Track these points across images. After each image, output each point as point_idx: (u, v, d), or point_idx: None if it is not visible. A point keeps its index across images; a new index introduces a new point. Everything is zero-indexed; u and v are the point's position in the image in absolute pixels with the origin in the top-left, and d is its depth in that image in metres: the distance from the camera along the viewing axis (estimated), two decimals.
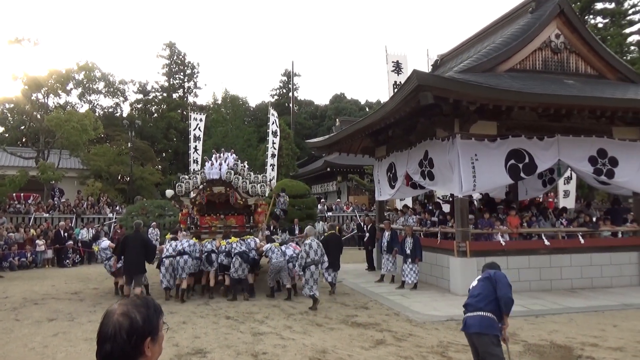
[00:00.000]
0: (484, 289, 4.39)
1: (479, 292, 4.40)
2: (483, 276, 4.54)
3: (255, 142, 36.19)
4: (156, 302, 1.76)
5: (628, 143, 11.98)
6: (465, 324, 4.42)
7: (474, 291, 4.47)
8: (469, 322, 4.34)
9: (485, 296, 4.36)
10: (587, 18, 31.58)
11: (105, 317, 1.64)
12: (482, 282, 4.47)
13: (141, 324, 1.61)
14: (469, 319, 4.35)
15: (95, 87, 39.49)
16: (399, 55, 20.48)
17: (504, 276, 4.51)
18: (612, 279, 11.59)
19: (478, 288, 4.45)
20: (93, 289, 12.27)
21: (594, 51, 12.52)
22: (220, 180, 12.42)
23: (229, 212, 12.99)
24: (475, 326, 4.30)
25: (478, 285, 4.49)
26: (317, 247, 9.78)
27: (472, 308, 4.36)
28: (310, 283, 9.49)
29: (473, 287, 4.54)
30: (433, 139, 11.89)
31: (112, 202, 24.20)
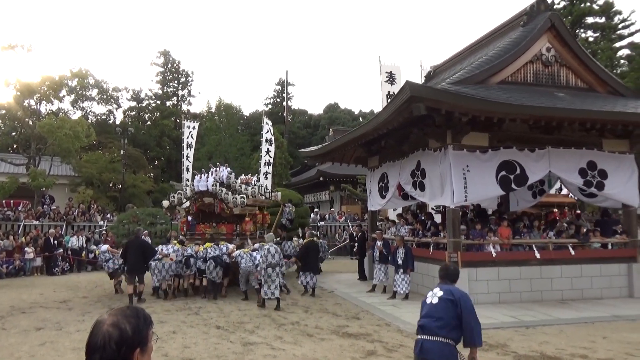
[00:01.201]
0: (447, 313, 3.95)
1: (440, 315, 3.95)
2: (445, 295, 4.04)
3: (248, 151, 36.16)
4: (146, 313, 1.75)
5: (618, 155, 12.11)
6: (421, 348, 3.95)
7: (433, 312, 4.00)
8: (427, 347, 3.91)
9: (447, 322, 3.93)
10: (578, 32, 32.07)
11: (95, 327, 1.64)
12: (445, 304, 3.98)
13: (130, 335, 1.61)
14: (427, 344, 3.92)
15: (88, 94, 39.37)
16: (393, 65, 20.67)
17: (468, 299, 4.11)
18: (602, 290, 11.65)
19: (440, 310, 3.98)
20: (82, 297, 12.13)
21: (584, 65, 12.70)
22: (208, 192, 13.59)
23: (220, 221, 13.92)
24: (435, 354, 3.90)
25: (440, 306, 4.00)
26: (274, 252, 10.62)
27: (432, 333, 3.92)
28: (268, 283, 10.33)
29: (432, 304, 4.04)
30: (425, 150, 11.96)
31: (103, 210, 24.02)
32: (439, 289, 4.13)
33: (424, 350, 3.93)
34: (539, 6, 12.96)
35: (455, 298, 3.98)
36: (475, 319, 4.01)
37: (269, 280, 10.39)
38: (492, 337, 7.78)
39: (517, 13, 13.42)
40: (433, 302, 4.05)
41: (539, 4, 12.99)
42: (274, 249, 10.72)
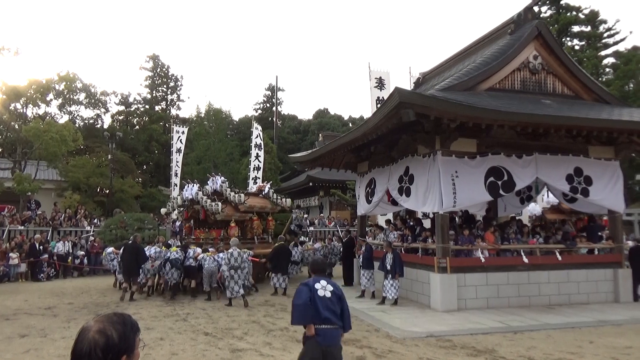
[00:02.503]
0: (339, 305, 4.66)
1: (336, 307, 4.62)
2: (335, 290, 4.69)
3: (237, 156, 36.06)
4: (133, 319, 1.73)
5: (603, 162, 12.28)
6: (326, 336, 4.54)
7: (330, 304, 4.59)
8: (331, 335, 4.56)
9: (340, 313, 4.66)
10: (565, 40, 32.59)
11: (81, 333, 1.61)
12: (336, 297, 4.66)
13: (117, 342, 1.59)
14: (331, 332, 4.56)
15: (75, 97, 39.05)
16: (382, 71, 20.77)
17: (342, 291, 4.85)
18: (588, 295, 11.77)
19: (335, 303, 4.64)
20: (68, 303, 11.96)
21: (571, 72, 12.88)
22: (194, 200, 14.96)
23: (212, 226, 15.08)
24: (336, 340, 4.62)
25: (334, 299, 4.64)
26: (237, 255, 11.60)
27: (333, 322, 4.57)
28: (231, 284, 11.36)
29: (327, 298, 4.60)
30: (414, 156, 12.02)
31: (90, 215, 23.75)
32: (326, 283, 4.72)
33: (329, 337, 4.54)
34: (526, 15, 13.14)
35: (340, 293, 4.75)
36: (349, 310, 4.85)
37: (232, 281, 11.36)
38: (480, 343, 7.81)
39: (504, 21, 13.58)
40: (327, 296, 4.62)
41: (526, 13, 13.17)
42: (237, 252, 11.66)
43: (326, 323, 4.54)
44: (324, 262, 4.99)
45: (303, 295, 4.61)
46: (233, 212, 15.02)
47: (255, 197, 16.63)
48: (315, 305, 4.55)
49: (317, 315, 4.55)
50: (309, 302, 4.57)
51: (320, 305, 4.56)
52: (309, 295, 4.58)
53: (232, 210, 15.01)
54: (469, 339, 8.07)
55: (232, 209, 15.06)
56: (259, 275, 15.46)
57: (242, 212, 15.18)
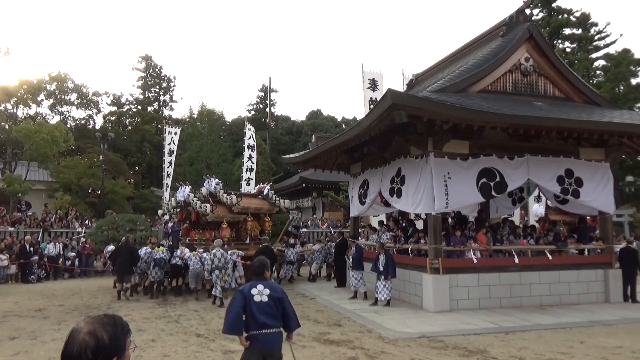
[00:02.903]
0: (277, 309, 4.64)
1: (274, 311, 4.61)
2: (272, 294, 4.64)
3: (230, 157, 35.95)
4: (124, 321, 1.72)
5: (594, 163, 12.39)
6: (266, 341, 4.57)
7: (268, 309, 4.58)
8: (270, 339, 4.58)
9: (278, 316, 4.65)
10: (556, 43, 32.84)
11: (71, 335, 1.60)
12: (274, 301, 4.62)
13: (107, 343, 1.58)
14: (270, 336, 4.57)
15: (67, 98, 38.75)
16: (375, 73, 20.82)
17: (289, 300, 4.84)
18: (579, 295, 11.86)
19: (273, 306, 4.61)
20: (58, 305, 11.86)
21: (562, 75, 12.98)
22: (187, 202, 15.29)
23: (205, 227, 15.29)
24: (276, 343, 4.64)
25: (271, 303, 4.60)
26: (220, 256, 12.02)
27: (272, 327, 4.58)
28: (216, 284, 11.84)
29: (264, 303, 4.58)
30: (407, 157, 12.06)
31: (82, 216, 23.57)
32: (263, 287, 4.66)
33: (269, 342, 4.58)
34: (517, 17, 13.23)
35: (279, 295, 4.69)
36: (293, 308, 4.81)
37: (218, 280, 11.88)
38: (472, 343, 7.85)
39: (496, 23, 13.65)
40: (264, 301, 4.58)
41: (518, 15, 13.25)
42: (220, 253, 12.09)
43: (265, 328, 4.54)
44: (262, 265, 4.99)
45: (234, 306, 4.59)
46: (226, 213, 15.15)
47: (250, 198, 16.69)
48: (251, 311, 4.55)
49: (255, 321, 4.55)
50: (242, 313, 4.56)
51: (256, 311, 4.55)
52: (242, 305, 4.56)
53: (225, 212, 15.15)
54: (461, 340, 8.11)
55: (225, 210, 15.20)
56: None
57: (235, 214, 15.30)
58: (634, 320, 9.97)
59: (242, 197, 15.99)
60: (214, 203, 15.14)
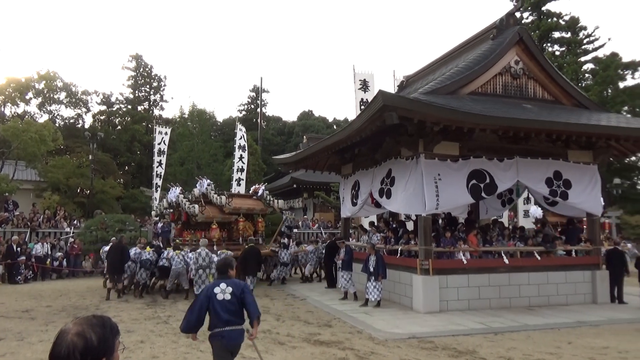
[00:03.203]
0: (238, 306, 4.83)
1: (236, 308, 4.81)
2: (234, 291, 4.81)
3: (221, 157, 35.83)
4: (113, 322, 1.71)
5: (582, 166, 12.52)
6: (228, 338, 4.79)
7: (230, 306, 4.77)
8: (233, 336, 4.81)
9: (240, 312, 4.87)
10: (545, 46, 33.19)
11: (59, 336, 1.59)
12: (235, 298, 4.80)
13: (96, 344, 1.57)
14: (232, 333, 4.79)
15: (56, 97, 38.33)
16: (366, 73, 20.82)
17: (246, 285, 5.11)
18: (567, 296, 11.98)
19: (234, 304, 4.79)
20: (46, 306, 11.73)
21: (551, 78, 13.11)
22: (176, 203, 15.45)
23: (196, 228, 15.42)
24: (238, 339, 4.88)
25: (233, 300, 4.79)
26: (205, 255, 12.27)
27: (234, 324, 4.80)
28: (199, 283, 11.95)
29: (227, 301, 4.77)
30: (398, 158, 12.10)
31: (70, 216, 23.34)
32: (226, 285, 4.86)
33: (234, 338, 4.81)
34: (508, 20, 13.34)
35: (239, 291, 4.86)
36: (252, 298, 4.97)
37: (199, 280, 12.02)
38: (461, 344, 7.89)
39: (487, 26, 13.76)
40: (227, 299, 4.78)
41: (508, 18, 13.37)
42: (204, 252, 12.34)
43: (229, 325, 4.74)
44: (226, 264, 5.20)
45: (197, 307, 4.80)
46: (217, 213, 15.21)
47: (244, 199, 16.77)
48: (215, 310, 4.73)
49: (219, 319, 4.73)
50: (204, 313, 4.77)
51: (220, 309, 4.73)
52: (205, 305, 4.76)
53: (216, 212, 15.21)
54: (451, 340, 8.15)
55: (216, 211, 15.27)
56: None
57: (226, 214, 15.34)
58: (620, 321, 10.09)
59: (234, 198, 16.01)
60: (206, 204, 15.20)
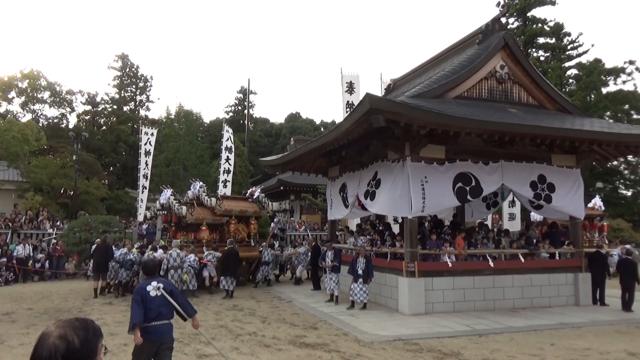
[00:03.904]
0: (166, 302, 5.23)
1: (166, 303, 5.23)
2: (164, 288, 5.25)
3: (208, 159, 35.60)
4: (96, 325, 1.69)
5: (565, 170, 12.71)
6: (158, 332, 5.18)
7: (161, 302, 5.19)
8: (163, 330, 5.23)
9: (170, 308, 5.28)
10: (530, 51, 33.64)
11: (41, 339, 1.57)
12: (163, 297, 5.21)
13: (78, 348, 1.55)
14: (162, 327, 5.22)
15: (39, 96, 37.86)
16: (352, 75, 20.88)
17: (179, 292, 5.67)
18: (550, 299, 12.13)
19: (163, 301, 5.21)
20: (27, 309, 11.53)
21: (535, 83, 13.29)
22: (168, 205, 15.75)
23: (187, 229, 15.68)
24: (168, 333, 5.29)
25: (162, 298, 5.21)
26: (176, 256, 12.62)
27: (164, 318, 5.24)
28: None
29: (158, 297, 5.19)
30: (384, 161, 12.15)
31: (53, 217, 22.99)
32: (157, 283, 5.28)
33: (160, 332, 5.19)
34: (493, 25, 13.50)
35: (170, 289, 5.34)
36: (184, 299, 5.55)
37: (172, 280, 11.86)
38: (446, 346, 7.95)
39: (473, 31, 13.90)
40: (158, 295, 5.22)
41: (494, 24, 13.52)
42: (175, 253, 12.64)
43: (158, 320, 5.18)
44: (155, 264, 5.89)
45: (137, 303, 5.16)
46: (207, 215, 15.39)
47: (236, 201, 16.93)
48: (147, 305, 5.15)
49: (150, 314, 5.15)
50: (142, 307, 5.15)
51: (152, 304, 5.17)
52: (141, 300, 5.15)
53: (206, 214, 15.40)
54: (436, 342, 8.20)
55: (208, 213, 15.49)
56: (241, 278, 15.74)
57: (217, 216, 15.51)
58: (601, 322, 10.26)
59: (226, 200, 16.19)
60: (198, 205, 15.50)
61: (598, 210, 21.04)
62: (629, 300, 11.59)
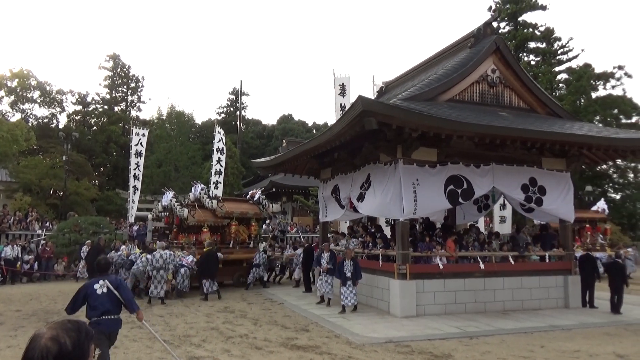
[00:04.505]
0: (116, 298, 5.73)
1: (113, 300, 5.72)
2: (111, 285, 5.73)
3: (199, 160, 35.49)
4: (88, 327, 1.68)
5: (555, 173, 12.81)
6: (104, 325, 5.67)
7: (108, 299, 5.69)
8: (109, 324, 5.73)
9: (117, 304, 5.77)
10: (521, 55, 33.92)
11: (32, 341, 1.55)
12: (111, 292, 5.70)
13: (70, 349, 1.54)
14: (109, 322, 5.72)
15: (29, 95, 37.53)
16: (345, 77, 20.92)
17: (122, 281, 6.18)
18: (540, 301, 12.22)
19: (112, 297, 5.71)
20: (15, 311, 11.41)
21: (526, 87, 13.40)
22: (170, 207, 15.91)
23: (188, 231, 15.89)
24: (114, 326, 5.85)
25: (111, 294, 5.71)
26: (159, 257, 12.83)
27: (111, 313, 5.74)
28: (154, 284, 12.61)
29: (105, 294, 5.69)
30: (376, 163, 12.18)
31: (42, 218, 22.77)
32: (104, 282, 5.77)
33: (109, 325, 5.72)
34: (485, 30, 13.59)
35: (116, 285, 5.79)
36: (130, 293, 6.12)
37: (155, 281, 12.58)
38: (437, 348, 7.97)
39: (465, 35, 14.00)
40: (104, 292, 5.71)
41: (485, 28, 13.62)
42: (159, 254, 12.92)
43: (106, 314, 5.69)
44: (107, 262, 6.44)
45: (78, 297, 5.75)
46: (208, 217, 15.54)
47: (237, 203, 17.15)
48: (94, 302, 5.66)
49: (97, 310, 5.66)
50: (82, 302, 5.73)
51: (98, 301, 5.66)
52: (84, 295, 5.72)
53: (207, 216, 15.55)
54: (427, 345, 8.22)
55: (209, 215, 15.64)
56: (242, 280, 16.09)
57: (218, 218, 15.64)
58: (591, 325, 10.34)
59: (227, 202, 16.39)
60: (199, 207, 15.64)
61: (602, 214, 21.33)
62: (618, 303, 11.70)
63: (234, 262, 15.90)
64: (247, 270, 15.99)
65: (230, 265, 15.73)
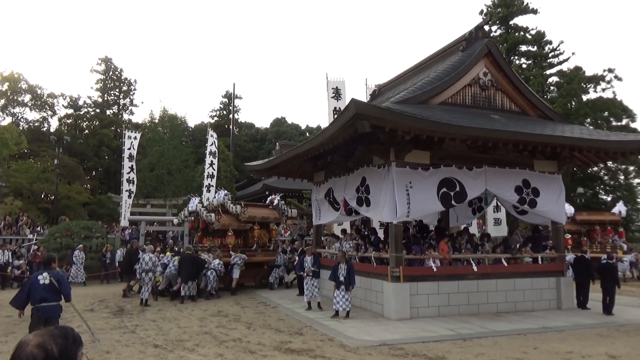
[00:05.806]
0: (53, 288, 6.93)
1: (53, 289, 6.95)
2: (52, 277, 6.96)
3: (192, 163, 35.32)
4: (76, 333, 1.66)
5: (547, 175, 12.89)
6: (43, 311, 6.87)
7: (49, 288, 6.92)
8: (47, 309, 6.91)
9: (56, 293, 6.98)
10: (513, 59, 34.17)
11: (18, 348, 1.53)
12: (51, 284, 6.91)
13: (57, 356, 1.52)
14: (47, 308, 6.91)
15: (20, 99, 37.24)
16: (338, 81, 20.92)
17: (62, 274, 7.44)
18: (533, 303, 12.26)
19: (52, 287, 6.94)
20: (6, 316, 11.26)
21: (518, 90, 13.48)
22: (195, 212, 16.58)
23: (213, 235, 16.42)
24: (53, 312, 6.98)
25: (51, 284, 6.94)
26: (148, 260, 13.18)
27: (50, 300, 6.93)
28: (143, 285, 13.04)
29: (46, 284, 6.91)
30: (370, 166, 12.19)
31: (33, 222, 22.56)
32: (47, 274, 7.00)
33: (46, 311, 6.88)
34: (477, 33, 13.67)
35: (57, 278, 7.03)
36: (68, 287, 7.27)
37: (143, 283, 13.07)
38: (431, 350, 7.97)
39: (457, 38, 14.07)
40: (46, 283, 6.92)
41: (477, 31, 13.70)
42: (148, 257, 13.28)
43: (44, 302, 6.85)
44: (50, 258, 7.58)
45: (25, 289, 7.06)
46: (232, 221, 16.05)
47: (258, 208, 17.65)
48: (36, 291, 6.86)
49: (38, 297, 6.84)
50: (28, 293, 6.92)
51: (39, 290, 6.85)
52: (29, 287, 6.97)
53: (232, 220, 16.06)
54: (421, 347, 8.22)
55: (232, 219, 16.14)
56: (263, 281, 16.74)
57: (242, 222, 16.21)
58: (583, 326, 10.40)
59: (249, 207, 16.97)
60: (223, 212, 16.09)
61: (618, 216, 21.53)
62: (610, 304, 11.77)
63: (256, 265, 16.52)
64: (268, 272, 16.63)
65: (253, 267, 16.34)
